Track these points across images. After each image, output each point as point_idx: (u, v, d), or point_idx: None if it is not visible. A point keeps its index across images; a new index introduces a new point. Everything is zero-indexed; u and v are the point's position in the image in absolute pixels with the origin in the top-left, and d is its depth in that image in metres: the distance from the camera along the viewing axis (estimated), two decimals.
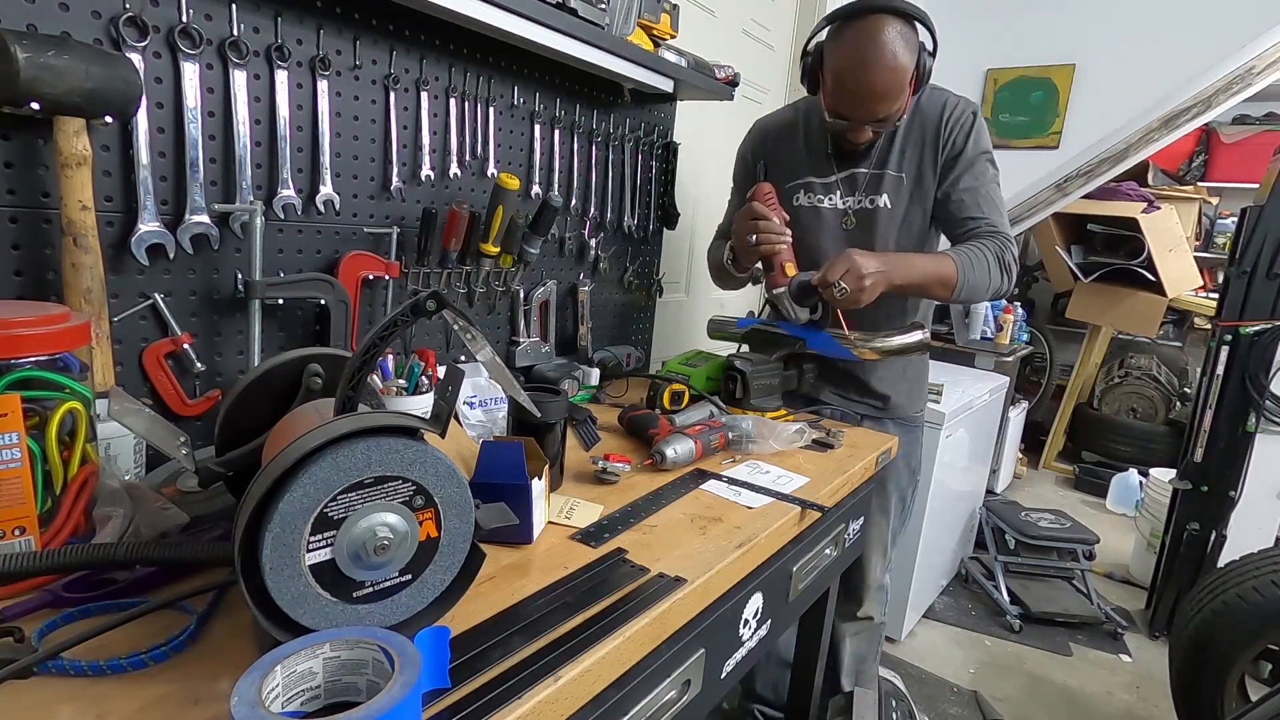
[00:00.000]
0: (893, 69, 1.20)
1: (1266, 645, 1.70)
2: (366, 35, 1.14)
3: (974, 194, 1.34)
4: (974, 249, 1.32)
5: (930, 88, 1.34)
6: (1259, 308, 2.19)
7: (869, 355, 1.34)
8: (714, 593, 0.83)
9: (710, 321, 1.61)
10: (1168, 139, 3.08)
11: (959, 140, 1.34)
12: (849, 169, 1.42)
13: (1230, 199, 4.38)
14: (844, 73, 1.24)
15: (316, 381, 0.78)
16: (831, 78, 1.27)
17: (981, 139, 1.35)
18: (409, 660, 0.50)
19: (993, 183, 1.36)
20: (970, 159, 1.34)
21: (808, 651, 1.42)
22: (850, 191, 1.43)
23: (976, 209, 1.35)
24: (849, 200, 1.43)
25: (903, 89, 1.23)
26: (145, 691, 0.53)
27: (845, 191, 1.43)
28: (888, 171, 1.38)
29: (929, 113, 1.35)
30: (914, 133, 1.36)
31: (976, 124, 1.34)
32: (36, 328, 0.63)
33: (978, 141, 1.34)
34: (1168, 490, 2.54)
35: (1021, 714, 2.01)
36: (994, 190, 1.36)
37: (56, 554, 0.60)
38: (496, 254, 1.35)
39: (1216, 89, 2.93)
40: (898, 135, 1.37)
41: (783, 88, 2.72)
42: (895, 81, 1.21)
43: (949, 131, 1.34)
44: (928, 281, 1.30)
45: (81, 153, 0.81)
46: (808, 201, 1.47)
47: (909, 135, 1.37)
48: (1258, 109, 4.23)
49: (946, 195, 1.36)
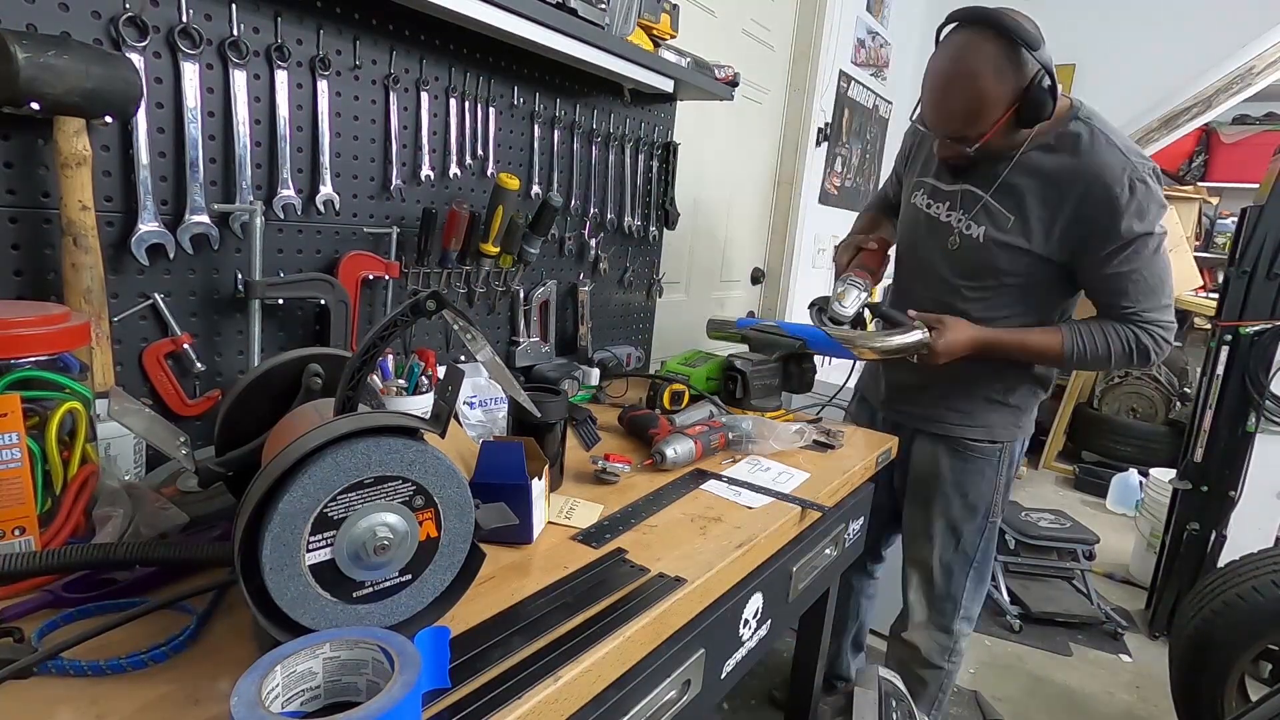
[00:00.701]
0: (971, 90, 1.14)
1: (1266, 645, 1.70)
2: (366, 35, 1.14)
3: (1124, 279, 1.23)
4: (1099, 331, 1.27)
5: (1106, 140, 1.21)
6: (1259, 308, 2.18)
7: (868, 355, 1.34)
8: (714, 593, 0.83)
9: (710, 322, 1.61)
10: (1168, 139, 3.08)
11: (1108, 217, 1.20)
12: (964, 184, 1.33)
13: (1230, 199, 4.38)
14: (926, 80, 1.22)
15: (316, 381, 0.78)
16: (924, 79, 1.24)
17: (1144, 212, 1.19)
18: (409, 660, 0.50)
19: (1151, 260, 1.22)
20: (1125, 237, 1.20)
21: (808, 651, 1.42)
22: (960, 209, 1.34)
23: (1125, 295, 1.24)
24: (956, 217, 1.34)
25: (983, 113, 1.16)
26: (145, 691, 0.53)
27: (954, 207, 1.35)
28: (999, 206, 1.28)
29: (1080, 170, 1.21)
30: (1057, 183, 1.23)
31: (1137, 197, 1.18)
32: (36, 328, 0.63)
33: (1138, 216, 1.19)
34: (1168, 490, 2.54)
35: (1021, 714, 2.01)
36: (1150, 269, 1.22)
37: (56, 554, 0.60)
38: (496, 254, 1.35)
39: (1216, 89, 2.93)
40: (1035, 175, 1.25)
41: (783, 88, 2.73)
42: (973, 103, 1.15)
43: (1096, 206, 1.20)
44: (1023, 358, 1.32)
45: (81, 153, 0.81)
46: (922, 203, 1.42)
47: (1048, 180, 1.24)
48: (1258, 109, 4.23)
49: (1096, 273, 1.26)
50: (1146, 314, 1.25)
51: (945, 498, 1.47)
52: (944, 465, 1.46)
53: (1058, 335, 1.30)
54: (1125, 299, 1.25)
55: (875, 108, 3.28)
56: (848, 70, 2.93)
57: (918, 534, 1.54)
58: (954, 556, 1.50)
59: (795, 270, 2.89)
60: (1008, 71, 1.14)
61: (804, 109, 2.73)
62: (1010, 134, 1.22)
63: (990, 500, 1.46)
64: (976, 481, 1.45)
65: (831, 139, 2.90)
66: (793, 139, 2.77)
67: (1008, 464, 1.45)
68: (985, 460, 1.44)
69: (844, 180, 3.14)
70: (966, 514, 1.47)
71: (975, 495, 1.46)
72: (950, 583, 1.52)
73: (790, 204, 2.81)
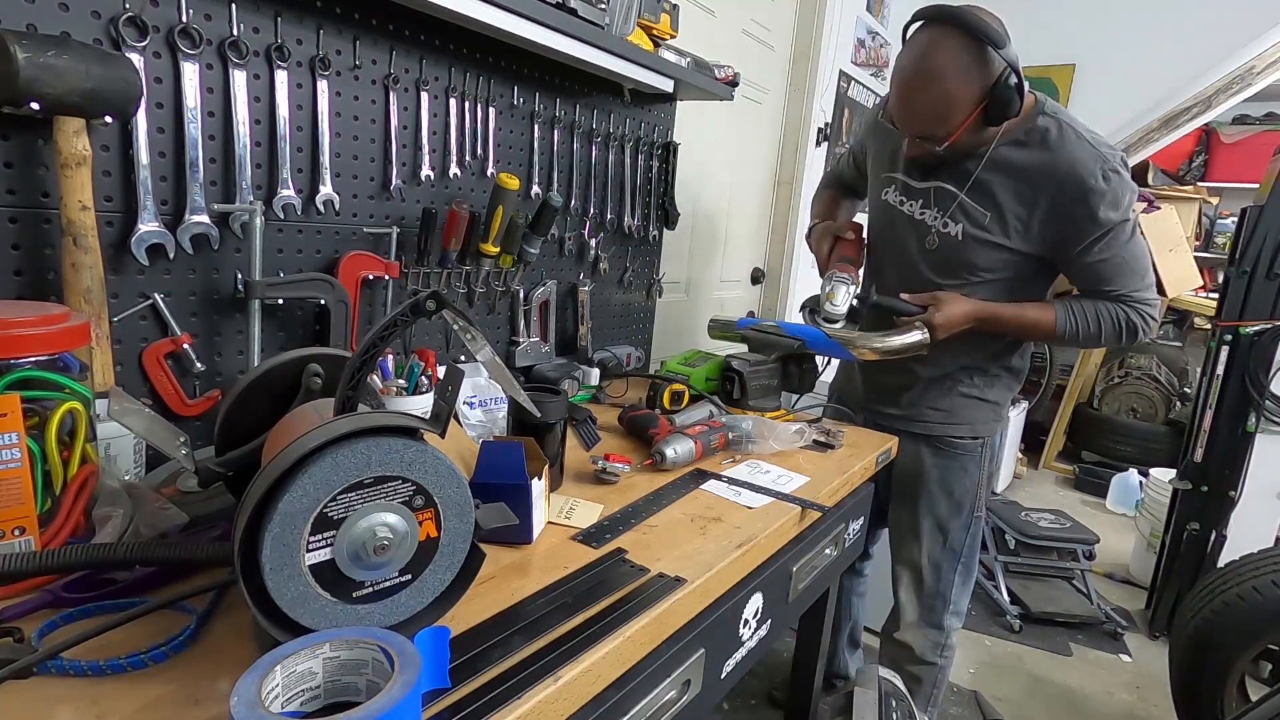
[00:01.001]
0: (938, 89, 1.15)
1: (1266, 645, 1.70)
2: (366, 35, 1.14)
3: (1106, 265, 1.26)
4: (1090, 308, 1.29)
5: (1075, 134, 1.22)
6: (1259, 308, 2.18)
7: (868, 355, 1.34)
8: (714, 593, 0.83)
9: (711, 321, 1.61)
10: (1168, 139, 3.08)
11: (1088, 209, 1.22)
12: (936, 182, 1.34)
13: (1230, 199, 4.38)
14: (893, 79, 1.23)
15: (316, 381, 0.78)
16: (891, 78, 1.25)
17: (1119, 201, 1.22)
18: (409, 660, 0.50)
19: (1130, 245, 1.26)
20: (1104, 226, 1.23)
21: (808, 651, 1.42)
22: (935, 207, 1.35)
23: (1112, 279, 1.28)
24: (931, 215, 1.35)
25: (951, 112, 1.17)
26: (145, 691, 0.53)
27: (928, 204, 1.36)
28: (974, 204, 1.30)
29: (1053, 164, 1.22)
30: (1029, 179, 1.25)
31: (1112, 187, 1.20)
32: (36, 328, 0.63)
33: (1113, 206, 1.21)
34: (1168, 490, 2.54)
35: (1021, 714, 2.01)
36: (1131, 251, 1.26)
37: (56, 554, 0.60)
38: (496, 254, 1.35)
39: (1216, 89, 2.93)
40: (1007, 172, 1.26)
41: (783, 88, 2.73)
42: (940, 103, 1.16)
43: (1071, 199, 1.22)
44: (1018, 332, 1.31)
45: (81, 153, 0.81)
46: (894, 200, 1.42)
47: (1020, 176, 1.25)
48: (1258, 109, 4.23)
49: (1078, 263, 1.28)
50: (1134, 294, 1.29)
51: (931, 496, 1.49)
52: (928, 464, 1.48)
53: (1051, 311, 1.32)
54: (1109, 284, 1.29)
55: None
56: (848, 70, 2.93)
57: (905, 533, 1.55)
58: (942, 554, 1.52)
59: (795, 270, 2.89)
60: (974, 70, 1.15)
61: (804, 109, 2.73)
62: (978, 131, 1.23)
63: (975, 495, 1.49)
64: (960, 478, 1.48)
65: (831, 139, 2.90)
66: (793, 139, 2.77)
67: (989, 458, 1.49)
68: (969, 456, 1.47)
69: None
70: (952, 511, 1.49)
71: (960, 492, 1.48)
72: (939, 580, 1.53)
73: (790, 204, 2.81)
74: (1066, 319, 1.31)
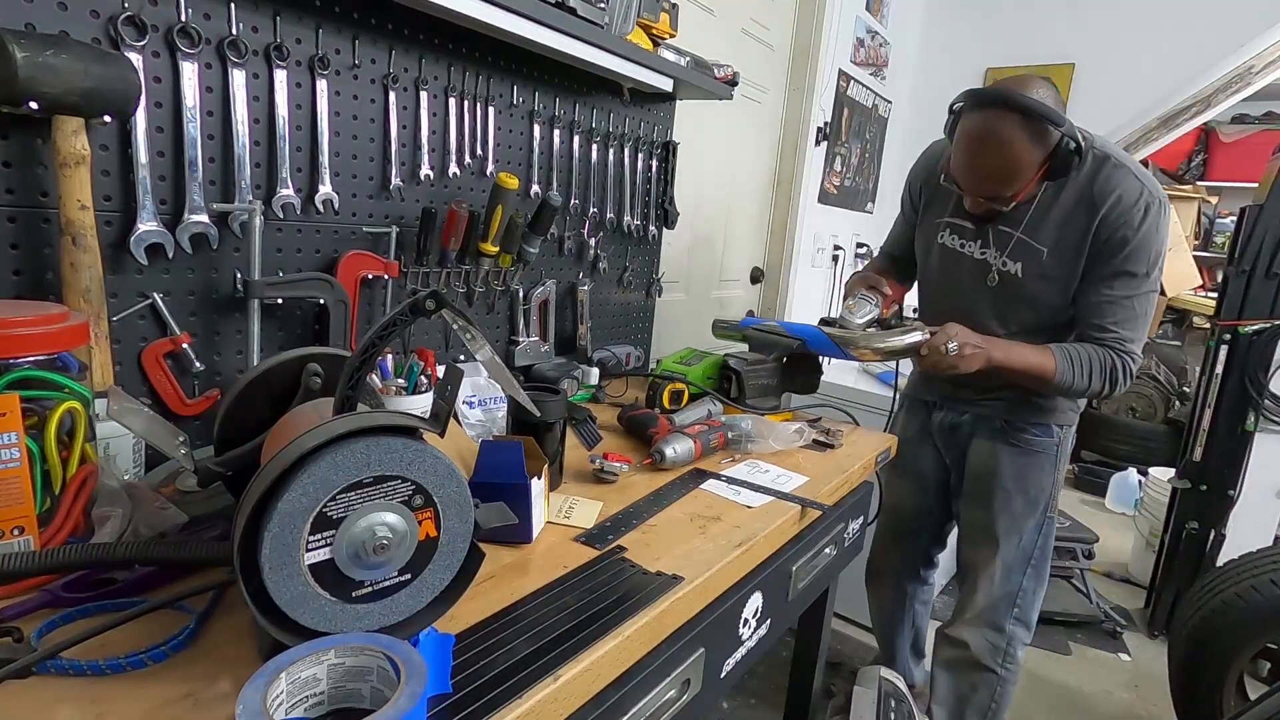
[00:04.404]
0: (1004, 160, 1.20)
1: (1265, 644, 1.70)
2: (365, 35, 1.13)
3: (1116, 303, 1.28)
4: (1083, 352, 1.29)
5: (1114, 165, 1.25)
6: (1258, 307, 2.18)
7: (868, 356, 1.34)
8: (713, 592, 0.83)
9: (715, 322, 1.61)
10: (1167, 138, 3.08)
11: (1116, 241, 1.24)
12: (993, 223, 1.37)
13: (1229, 198, 4.39)
14: (958, 151, 1.26)
15: (316, 381, 0.78)
16: (953, 147, 1.28)
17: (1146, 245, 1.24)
18: (415, 670, 0.50)
19: (1144, 296, 1.28)
20: (1129, 261, 1.25)
21: (807, 652, 1.42)
22: (994, 246, 1.37)
23: (1112, 319, 1.28)
24: (992, 255, 1.38)
25: (1016, 176, 1.22)
26: (144, 691, 0.53)
27: (987, 244, 1.38)
28: (1030, 241, 1.32)
29: (1095, 193, 1.25)
30: (1073, 211, 1.28)
31: (1143, 229, 1.23)
32: (35, 327, 0.63)
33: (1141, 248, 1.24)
34: (1167, 489, 2.54)
35: (1021, 713, 2.01)
36: (1141, 303, 1.28)
37: (55, 554, 0.60)
38: (496, 253, 1.35)
39: (1216, 88, 2.93)
40: (1054, 207, 1.29)
41: (782, 88, 2.73)
42: (1007, 170, 1.21)
43: (1108, 228, 1.25)
44: (1025, 371, 1.30)
45: (80, 152, 0.81)
46: (951, 243, 1.44)
47: (1066, 209, 1.28)
48: (1257, 108, 4.24)
49: (1088, 291, 1.30)
50: (1126, 343, 1.29)
51: (1005, 494, 1.47)
52: (1003, 462, 1.46)
53: (1050, 351, 1.30)
54: (1112, 321, 1.29)
55: (875, 107, 3.28)
56: (847, 69, 2.93)
57: (977, 534, 1.53)
58: (1014, 555, 1.49)
59: (794, 269, 2.89)
60: (1037, 140, 1.19)
61: (803, 108, 2.73)
62: (1039, 184, 1.28)
63: (1049, 494, 1.47)
64: (1036, 475, 1.45)
65: (831, 138, 2.90)
66: (792, 138, 2.77)
67: (1063, 457, 1.47)
68: (1044, 454, 1.45)
69: (843, 180, 3.14)
70: (1027, 509, 1.47)
71: (1035, 489, 1.46)
72: (1008, 581, 1.50)
73: (790, 203, 2.81)
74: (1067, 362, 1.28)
